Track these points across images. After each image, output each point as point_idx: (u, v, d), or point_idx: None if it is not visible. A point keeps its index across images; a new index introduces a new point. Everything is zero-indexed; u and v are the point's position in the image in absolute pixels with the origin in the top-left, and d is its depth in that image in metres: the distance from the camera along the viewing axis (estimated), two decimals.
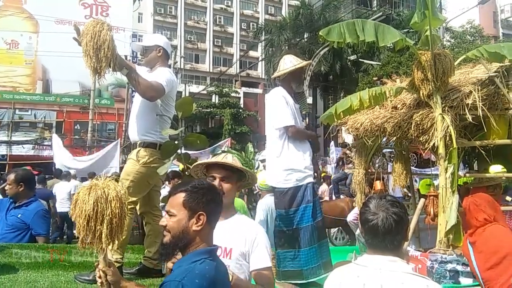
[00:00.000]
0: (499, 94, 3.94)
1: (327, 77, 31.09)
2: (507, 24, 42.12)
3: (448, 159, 3.64)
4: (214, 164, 2.35)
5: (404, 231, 1.72)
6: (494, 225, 3.22)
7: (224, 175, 2.27)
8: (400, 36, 3.53)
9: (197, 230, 1.70)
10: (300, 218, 3.29)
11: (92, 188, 1.84)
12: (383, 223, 1.65)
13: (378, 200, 1.73)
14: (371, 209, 1.69)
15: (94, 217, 1.79)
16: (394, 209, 1.68)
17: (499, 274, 3.01)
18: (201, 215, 1.71)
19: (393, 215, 1.66)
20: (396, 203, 1.71)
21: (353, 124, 4.57)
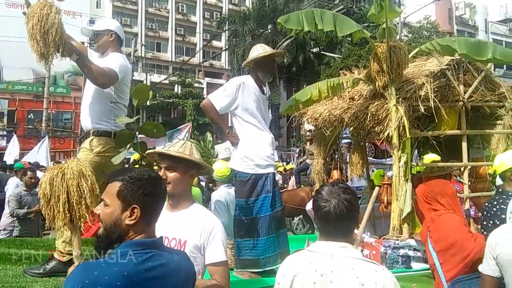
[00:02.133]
0: (450, 87, 4.10)
1: (290, 68, 31.30)
2: (461, 21, 44.03)
3: (401, 149, 3.77)
4: (160, 154, 2.29)
5: (355, 217, 1.75)
6: (448, 213, 3.35)
7: (168, 165, 2.20)
8: (357, 27, 3.59)
9: (130, 224, 1.57)
10: (259, 207, 3.30)
11: (50, 169, 1.92)
12: (335, 210, 1.67)
13: (331, 187, 1.75)
14: (323, 196, 1.70)
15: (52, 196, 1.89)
16: (346, 196, 1.70)
17: (448, 259, 3.15)
18: (134, 209, 1.57)
19: (344, 202, 1.68)
20: (348, 190, 1.74)
21: (313, 114, 4.63)
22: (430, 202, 3.43)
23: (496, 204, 3.07)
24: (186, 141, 2.40)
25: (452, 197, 3.55)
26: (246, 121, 3.47)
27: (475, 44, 3.80)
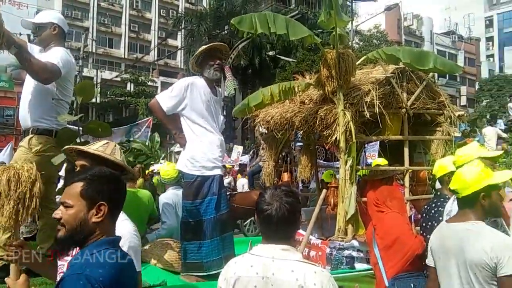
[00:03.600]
0: (394, 94, 4.29)
1: (246, 70, 31.44)
2: (409, 31, 46.33)
3: (347, 153, 3.89)
4: (79, 151, 2.20)
5: (297, 220, 1.78)
6: (392, 213, 3.51)
7: (85, 164, 2.11)
8: (308, 33, 3.66)
9: (97, 222, 1.59)
10: (204, 210, 3.27)
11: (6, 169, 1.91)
12: (277, 213, 1.69)
13: (273, 191, 1.77)
14: (266, 199, 1.72)
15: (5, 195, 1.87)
16: (288, 199, 1.72)
17: (391, 256, 3.29)
18: (101, 206, 1.60)
19: (286, 205, 1.70)
20: (290, 193, 1.76)
21: (264, 117, 4.67)
22: (379, 205, 3.59)
23: (434, 206, 3.24)
24: (109, 141, 2.31)
25: (400, 200, 3.74)
26: (194, 122, 3.43)
27: (418, 54, 4.01)
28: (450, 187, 2.35)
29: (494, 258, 2.04)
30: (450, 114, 4.57)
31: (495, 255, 2.04)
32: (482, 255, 2.07)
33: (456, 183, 2.28)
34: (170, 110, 3.41)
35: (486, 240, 2.10)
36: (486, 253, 2.06)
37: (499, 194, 2.31)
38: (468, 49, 49.99)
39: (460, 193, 2.25)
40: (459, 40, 49.90)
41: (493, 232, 2.18)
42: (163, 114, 3.41)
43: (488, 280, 2.08)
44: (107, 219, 1.61)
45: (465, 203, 2.26)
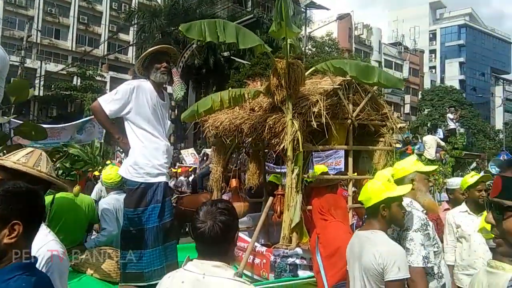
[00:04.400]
0: (341, 105, 4.41)
1: (200, 70, 31.13)
2: (359, 41, 48.12)
3: (294, 161, 3.94)
4: None
5: (232, 237, 1.77)
6: (336, 222, 3.59)
7: (3, 178, 1.91)
8: (259, 42, 3.67)
9: (10, 243, 1.44)
10: (147, 218, 3.16)
11: None
12: (209, 231, 1.69)
13: (209, 207, 1.76)
14: (199, 217, 1.72)
15: None
16: (222, 218, 1.72)
17: (332, 264, 3.37)
18: (15, 225, 1.45)
19: (219, 224, 1.70)
20: (225, 211, 1.75)
21: (214, 122, 4.63)
22: (324, 213, 3.67)
23: None
24: (34, 150, 2.10)
25: (344, 210, 3.85)
26: (139, 127, 3.30)
27: (364, 68, 4.14)
28: (359, 198, 2.64)
29: (381, 264, 2.31)
30: (392, 125, 4.77)
31: (382, 261, 2.30)
32: (372, 260, 2.33)
33: (362, 195, 2.58)
34: (113, 113, 3.26)
35: (377, 247, 2.36)
36: (376, 259, 2.32)
37: (401, 206, 2.54)
38: (413, 60, 52.80)
39: (365, 204, 2.55)
40: (405, 51, 52.58)
41: (385, 240, 2.44)
42: (105, 117, 3.26)
43: (378, 284, 2.34)
44: (21, 240, 1.47)
45: (370, 213, 2.55)
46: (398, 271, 2.28)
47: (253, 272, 4.01)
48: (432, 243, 2.60)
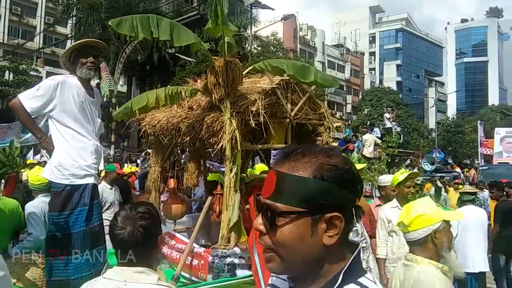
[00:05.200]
0: (279, 104, 4.46)
1: (144, 67, 30.21)
2: (304, 41, 49.18)
3: (233, 161, 3.92)
4: None
5: (154, 241, 1.71)
6: None
7: None
8: (195, 39, 3.60)
9: None
10: (73, 222, 2.98)
11: None
12: (129, 238, 1.61)
13: (128, 212, 1.68)
14: (118, 224, 1.64)
15: None
16: (142, 222, 1.65)
17: None
18: None
19: (140, 229, 1.63)
20: (146, 215, 1.68)
21: (151, 121, 4.49)
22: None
23: None
24: None
25: None
26: (64, 126, 3.10)
27: (300, 68, 4.22)
28: None
29: None
30: (329, 124, 4.91)
31: None
32: None
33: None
34: (35, 111, 3.04)
35: None
36: None
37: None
38: (354, 62, 54.90)
39: None
40: (347, 53, 54.54)
41: None
42: (26, 115, 3.02)
43: None
44: None
45: None
46: None
47: (191, 273, 3.94)
48: (360, 239, 2.70)
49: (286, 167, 0.90)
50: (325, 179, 0.87)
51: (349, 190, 0.89)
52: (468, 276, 5.26)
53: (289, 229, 0.88)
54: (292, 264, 0.91)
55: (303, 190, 0.87)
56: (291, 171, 0.89)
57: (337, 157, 0.91)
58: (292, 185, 0.88)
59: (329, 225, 0.87)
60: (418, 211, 2.11)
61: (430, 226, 2.06)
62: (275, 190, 0.89)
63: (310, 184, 0.87)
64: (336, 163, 0.89)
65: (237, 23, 27.95)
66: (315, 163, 0.89)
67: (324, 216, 0.87)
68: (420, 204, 2.18)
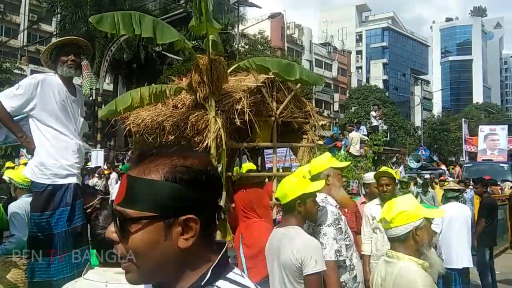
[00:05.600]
0: (265, 103, 4.45)
1: (130, 65, 29.95)
2: (291, 40, 49.31)
3: (218, 159, 3.90)
4: None
5: None
6: (261, 221, 3.60)
7: None
8: (179, 37, 3.57)
9: None
10: (55, 222, 2.94)
11: None
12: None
13: (110, 211, 1.66)
14: (100, 223, 1.62)
15: None
16: None
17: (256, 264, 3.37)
18: None
19: None
20: None
21: (135, 119, 4.44)
22: (247, 212, 3.66)
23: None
24: None
25: (266, 208, 3.86)
26: (45, 125, 3.05)
27: (285, 65, 4.21)
28: (275, 195, 2.60)
29: (299, 259, 2.31)
30: (315, 123, 4.92)
31: (300, 256, 2.31)
32: (290, 256, 2.33)
33: (278, 192, 2.56)
34: (16, 110, 2.99)
35: (295, 242, 2.37)
36: (293, 254, 2.32)
37: (315, 201, 2.59)
38: (341, 60, 55.23)
39: (281, 201, 2.53)
40: (334, 51, 54.85)
41: (302, 235, 2.45)
42: (6, 115, 2.97)
43: (297, 279, 2.35)
44: None
45: (286, 209, 2.54)
46: (316, 264, 2.32)
47: None
48: (344, 236, 2.70)
49: (137, 171, 0.86)
50: (177, 181, 0.83)
51: (205, 191, 0.86)
52: (452, 272, 5.36)
53: (140, 235, 0.84)
54: (150, 272, 0.87)
55: (153, 194, 0.83)
56: (142, 174, 0.85)
57: (194, 158, 0.88)
58: (143, 189, 0.84)
59: (185, 228, 0.84)
60: (400, 208, 2.13)
61: (411, 223, 2.08)
62: (125, 195, 0.85)
63: (161, 187, 0.83)
64: (190, 164, 0.86)
65: (225, 21, 27.90)
66: (167, 165, 0.85)
67: (178, 220, 0.83)
68: (402, 201, 2.20)
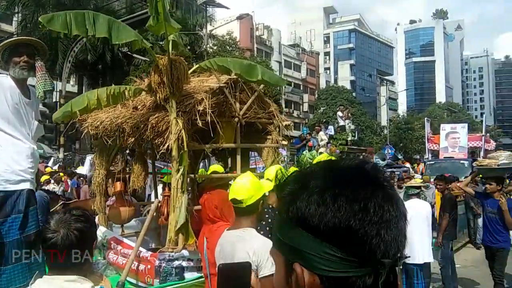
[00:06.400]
0: (227, 103, 4.41)
1: (96, 66, 29.17)
2: (261, 41, 49.45)
3: (179, 161, 3.84)
4: None
5: (89, 247, 1.63)
6: (225, 225, 3.54)
7: None
8: (136, 36, 3.49)
9: None
10: (6, 231, 2.80)
11: None
12: (63, 241, 1.53)
13: (62, 215, 1.60)
14: (51, 227, 1.55)
15: None
16: (78, 225, 1.58)
17: None
18: None
19: (75, 232, 1.56)
20: (81, 218, 1.61)
21: (93, 122, 4.30)
22: (213, 213, 3.60)
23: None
24: None
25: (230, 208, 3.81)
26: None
27: (247, 66, 4.20)
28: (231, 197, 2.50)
29: (256, 261, 2.26)
30: (279, 123, 4.93)
31: (256, 258, 2.26)
32: (246, 258, 2.26)
33: (241, 193, 2.43)
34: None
35: (251, 244, 2.32)
36: (249, 256, 2.26)
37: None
38: (310, 61, 55.90)
39: (245, 203, 2.42)
40: (303, 53, 55.45)
41: (258, 237, 2.42)
42: None
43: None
44: None
45: (247, 211, 2.43)
46: (272, 266, 2.31)
47: (138, 279, 3.82)
48: None
49: None
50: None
51: None
52: (414, 267, 5.52)
53: None
54: None
55: None
56: None
57: None
58: None
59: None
60: None
61: None
62: None
63: None
64: None
65: (193, 21, 27.65)
66: None
67: None
68: None
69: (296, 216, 0.71)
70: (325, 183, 0.71)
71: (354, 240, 0.67)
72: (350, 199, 0.69)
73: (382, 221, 0.69)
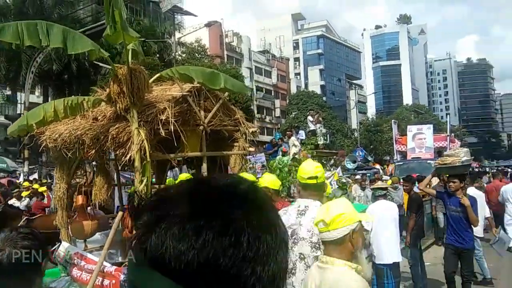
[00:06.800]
0: (192, 112, 4.37)
1: (61, 76, 28.42)
2: (230, 48, 49.53)
3: (142, 172, 3.75)
4: None
5: (37, 267, 1.54)
6: None
7: None
8: (92, 46, 3.40)
9: None
10: None
11: None
12: (9, 259, 1.44)
13: (8, 233, 1.51)
14: None
15: None
16: (25, 243, 1.49)
17: None
18: None
19: (21, 250, 1.47)
20: (29, 236, 1.52)
21: (51, 134, 4.16)
22: None
23: None
24: None
25: None
26: None
27: (209, 74, 4.17)
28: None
29: None
30: (245, 130, 4.92)
31: None
32: None
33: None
34: None
35: None
36: None
37: None
38: (280, 67, 56.40)
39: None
40: (273, 59, 55.90)
41: None
42: None
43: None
44: None
45: None
46: None
47: None
48: None
49: None
50: None
51: None
52: (384, 267, 5.59)
53: None
54: None
55: None
56: None
57: None
58: None
59: None
60: (338, 210, 2.05)
61: (349, 226, 2.01)
62: None
63: None
64: None
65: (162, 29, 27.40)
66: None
67: None
68: (339, 204, 2.14)
69: (151, 255, 0.56)
70: (188, 211, 0.57)
71: (223, 283, 0.55)
72: (218, 232, 0.56)
73: (257, 256, 0.57)
